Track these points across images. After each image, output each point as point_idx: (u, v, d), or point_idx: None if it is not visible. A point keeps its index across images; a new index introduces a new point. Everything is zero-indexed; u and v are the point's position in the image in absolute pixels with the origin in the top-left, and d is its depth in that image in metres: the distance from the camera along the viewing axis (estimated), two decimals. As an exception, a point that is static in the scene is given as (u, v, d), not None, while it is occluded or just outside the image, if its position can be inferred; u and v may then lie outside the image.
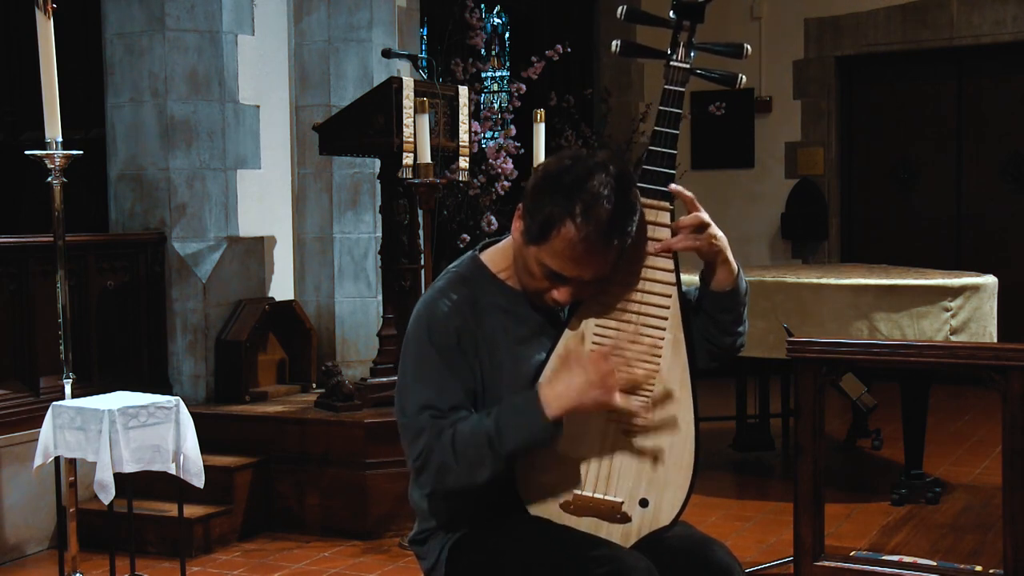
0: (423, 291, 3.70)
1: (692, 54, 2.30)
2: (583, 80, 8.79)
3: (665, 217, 2.22)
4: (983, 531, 4.74)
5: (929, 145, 8.78)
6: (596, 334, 2.20)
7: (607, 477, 2.19)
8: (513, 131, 6.92)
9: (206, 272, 5.46)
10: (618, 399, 2.09)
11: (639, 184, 2.21)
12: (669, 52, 2.30)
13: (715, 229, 2.22)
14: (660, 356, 2.19)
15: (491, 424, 2.10)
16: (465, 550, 2.25)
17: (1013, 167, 8.51)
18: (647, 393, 2.18)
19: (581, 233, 2.08)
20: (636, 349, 2.19)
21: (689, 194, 2.23)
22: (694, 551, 2.20)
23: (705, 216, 2.21)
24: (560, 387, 2.10)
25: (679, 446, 2.18)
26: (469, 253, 2.33)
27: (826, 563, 3.52)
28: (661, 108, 2.26)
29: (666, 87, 2.27)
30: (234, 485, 4.88)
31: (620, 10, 2.35)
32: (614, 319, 2.20)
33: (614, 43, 2.37)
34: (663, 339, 2.19)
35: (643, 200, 2.20)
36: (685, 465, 2.18)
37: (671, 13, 2.30)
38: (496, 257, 2.30)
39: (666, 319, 2.20)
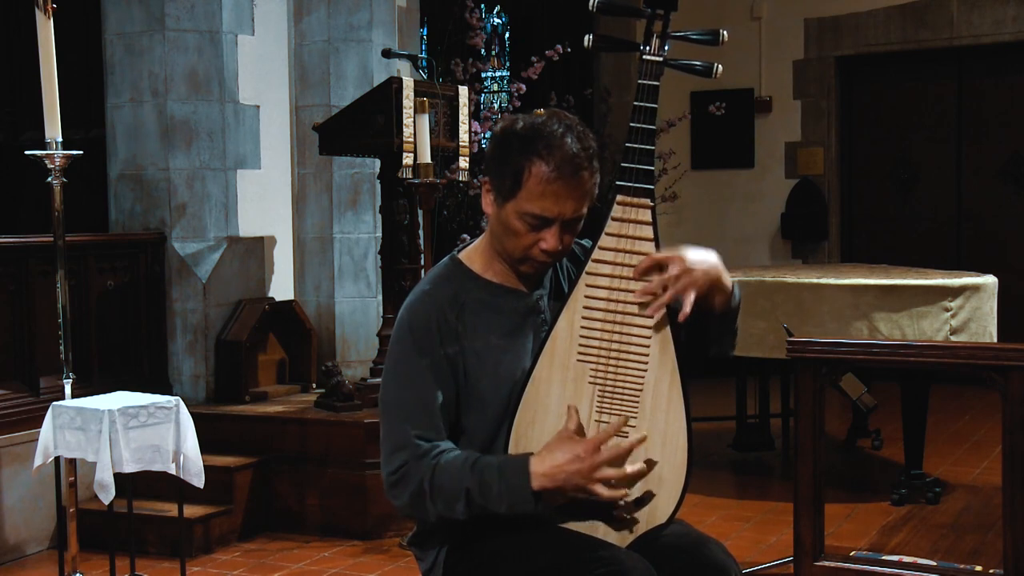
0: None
1: (667, 46, 2.25)
2: (583, 80, 8.79)
3: (646, 214, 2.20)
4: (983, 531, 4.74)
5: (929, 145, 8.78)
6: (582, 335, 2.19)
7: None
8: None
9: (206, 272, 5.46)
10: (601, 490, 2.10)
11: (618, 182, 2.21)
12: (642, 45, 2.26)
13: (693, 263, 2.16)
14: (647, 355, 2.18)
15: (475, 478, 2.12)
16: (464, 551, 2.25)
17: (1013, 167, 8.51)
18: (636, 394, 2.18)
19: (551, 166, 2.12)
20: (623, 350, 2.18)
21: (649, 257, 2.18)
22: (690, 550, 2.20)
23: (671, 264, 2.16)
24: (548, 465, 2.10)
25: (671, 444, 2.17)
26: (448, 255, 2.35)
27: (826, 563, 3.52)
28: (636, 103, 2.22)
29: (640, 81, 2.23)
30: (234, 485, 4.88)
31: (592, 2, 2.29)
32: (599, 319, 2.19)
33: (586, 37, 2.34)
34: (649, 337, 2.18)
35: (623, 198, 2.20)
36: (678, 463, 2.17)
37: (644, 4, 2.26)
38: (473, 255, 2.31)
39: (652, 317, 2.19)
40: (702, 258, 2.20)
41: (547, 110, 2.23)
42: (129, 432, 3.64)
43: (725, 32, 2.26)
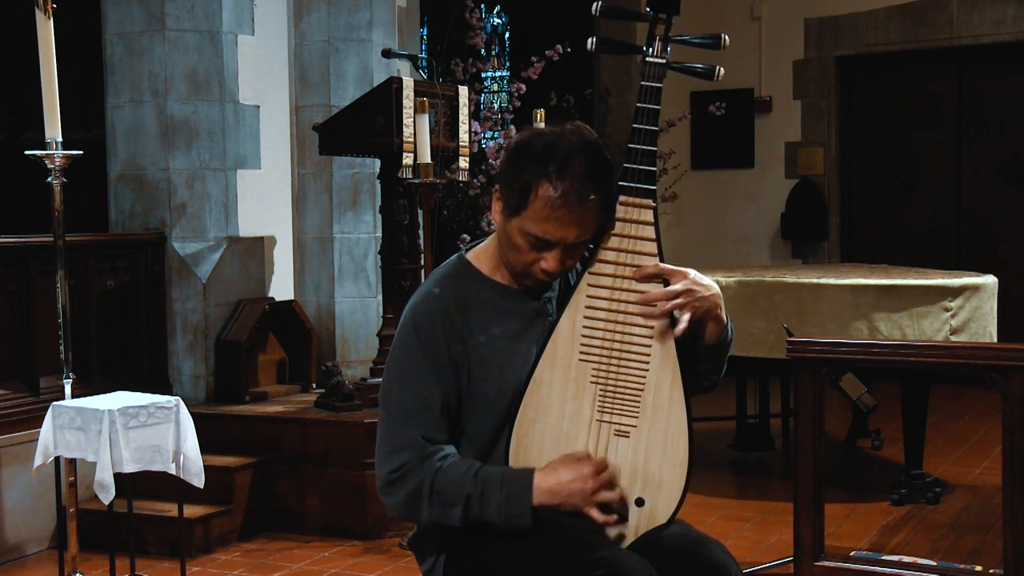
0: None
1: (669, 48, 2.26)
2: (583, 80, 8.79)
3: (648, 215, 2.21)
4: (983, 531, 4.74)
5: (929, 145, 8.78)
6: (584, 335, 2.20)
7: None
8: (513, 131, 6.92)
9: (206, 272, 5.46)
10: (596, 514, 2.14)
11: (620, 183, 2.21)
12: (645, 47, 2.27)
13: (696, 284, 2.19)
14: (649, 355, 2.18)
15: (477, 486, 2.13)
16: (464, 552, 2.25)
17: (1013, 167, 8.51)
18: (637, 394, 2.18)
19: (558, 191, 2.10)
20: (625, 350, 2.18)
21: (657, 268, 2.20)
22: (691, 550, 2.20)
23: (678, 284, 2.18)
24: (552, 481, 2.13)
25: (672, 444, 2.18)
26: (455, 254, 2.35)
27: (826, 563, 3.52)
28: (639, 105, 2.24)
29: (643, 83, 2.25)
30: (234, 485, 4.88)
31: (595, 6, 2.32)
32: (601, 319, 2.20)
33: (589, 40, 2.36)
34: (651, 337, 2.19)
35: (626, 199, 2.21)
36: (679, 463, 2.18)
37: (646, 8, 2.28)
38: (481, 255, 2.31)
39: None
40: (706, 283, 2.21)
41: (571, 124, 2.20)
42: (129, 432, 3.64)
43: (726, 37, 2.28)
